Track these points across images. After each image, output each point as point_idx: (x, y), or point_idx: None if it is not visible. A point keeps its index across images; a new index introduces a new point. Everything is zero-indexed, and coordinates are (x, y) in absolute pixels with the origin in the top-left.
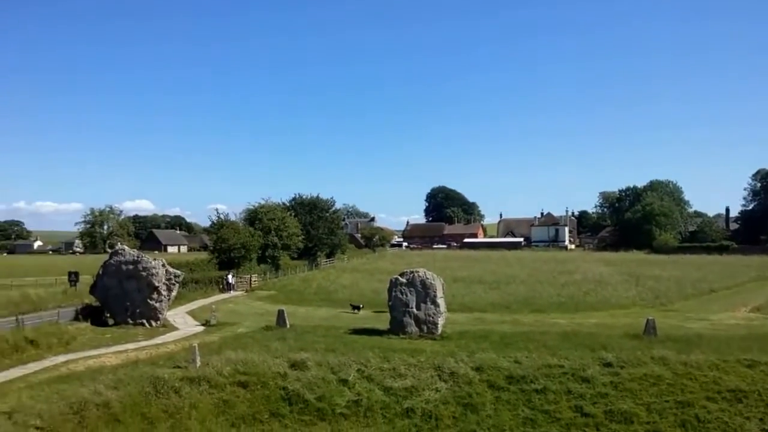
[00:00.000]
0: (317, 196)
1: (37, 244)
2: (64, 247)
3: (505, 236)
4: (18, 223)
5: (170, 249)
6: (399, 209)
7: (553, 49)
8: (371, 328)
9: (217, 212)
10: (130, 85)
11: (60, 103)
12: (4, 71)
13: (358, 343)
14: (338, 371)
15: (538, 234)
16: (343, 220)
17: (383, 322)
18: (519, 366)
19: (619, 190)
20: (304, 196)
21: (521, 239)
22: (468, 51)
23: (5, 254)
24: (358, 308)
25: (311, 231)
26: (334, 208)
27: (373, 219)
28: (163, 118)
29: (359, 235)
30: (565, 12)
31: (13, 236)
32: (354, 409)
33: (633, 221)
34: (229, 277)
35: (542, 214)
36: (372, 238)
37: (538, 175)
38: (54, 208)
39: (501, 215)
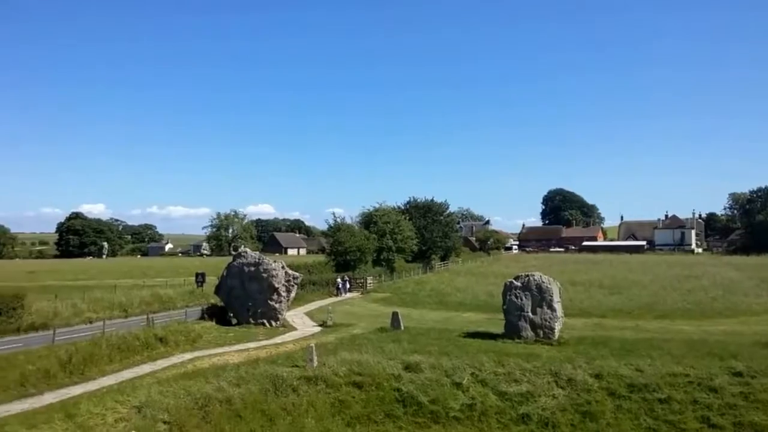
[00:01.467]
0: (431, 200)
1: (168, 246)
2: (193, 249)
3: (626, 239)
4: (151, 227)
5: (290, 252)
6: (514, 212)
7: (676, 51)
8: (485, 332)
9: (334, 216)
10: (255, 96)
11: (191, 116)
12: (143, 85)
13: (472, 346)
14: (452, 374)
15: (662, 237)
16: (458, 223)
17: (498, 325)
18: (641, 374)
19: (750, 191)
20: (418, 200)
21: (643, 243)
22: (589, 50)
23: (139, 256)
24: None
25: (425, 234)
26: (448, 212)
27: (487, 222)
28: (283, 127)
29: (473, 238)
30: (692, 14)
31: (146, 239)
32: (468, 413)
33: (765, 224)
34: (339, 281)
35: (666, 216)
36: (486, 241)
37: (661, 176)
38: (184, 213)
39: (622, 218)
